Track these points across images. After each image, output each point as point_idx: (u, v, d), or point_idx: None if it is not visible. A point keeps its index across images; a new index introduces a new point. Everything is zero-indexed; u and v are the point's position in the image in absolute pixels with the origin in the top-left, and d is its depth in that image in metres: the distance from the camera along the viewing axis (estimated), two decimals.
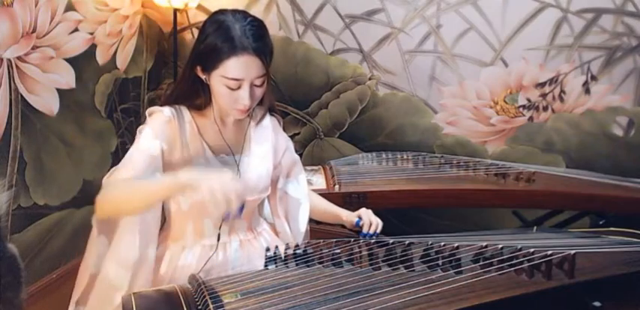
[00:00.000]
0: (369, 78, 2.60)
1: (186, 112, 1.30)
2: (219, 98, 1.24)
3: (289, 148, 1.49)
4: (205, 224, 1.34)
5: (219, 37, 1.18)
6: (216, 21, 1.21)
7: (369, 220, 1.45)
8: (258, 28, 1.21)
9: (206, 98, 1.29)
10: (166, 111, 1.28)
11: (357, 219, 1.46)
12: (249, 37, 1.18)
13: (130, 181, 1.18)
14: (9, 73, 1.92)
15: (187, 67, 1.26)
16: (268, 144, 1.41)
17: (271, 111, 1.45)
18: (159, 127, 1.26)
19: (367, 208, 1.51)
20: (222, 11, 1.24)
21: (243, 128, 1.37)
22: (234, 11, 1.23)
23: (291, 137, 2.02)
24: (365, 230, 1.44)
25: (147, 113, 1.30)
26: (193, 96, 1.29)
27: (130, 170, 1.20)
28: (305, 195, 1.51)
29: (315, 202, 1.57)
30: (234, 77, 1.18)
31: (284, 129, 1.50)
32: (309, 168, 2.15)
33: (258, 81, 1.22)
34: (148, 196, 1.16)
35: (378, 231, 1.44)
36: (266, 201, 1.52)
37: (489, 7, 2.36)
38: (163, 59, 2.86)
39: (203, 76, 1.24)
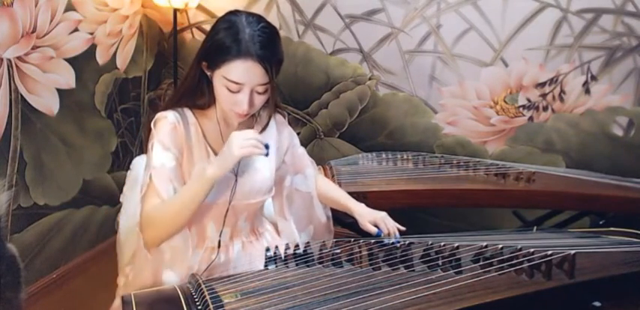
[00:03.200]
0: (369, 78, 2.60)
1: (190, 115, 1.30)
2: (219, 98, 1.24)
3: (292, 143, 1.48)
4: (208, 227, 1.34)
5: (228, 37, 1.18)
6: (229, 21, 1.21)
7: (387, 229, 1.40)
8: (268, 35, 1.20)
9: (209, 97, 1.29)
10: (170, 116, 1.27)
11: (377, 231, 1.40)
12: (256, 43, 1.17)
13: (168, 204, 1.21)
14: (9, 72, 1.92)
15: (195, 61, 1.26)
16: (272, 144, 1.40)
17: (276, 106, 1.44)
18: (165, 137, 1.26)
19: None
20: (236, 12, 1.23)
21: (248, 128, 1.37)
22: (249, 14, 1.22)
23: None
24: (386, 240, 1.39)
25: (152, 123, 1.29)
26: (197, 94, 1.29)
27: (158, 195, 1.22)
28: (314, 188, 1.53)
29: (326, 189, 1.56)
30: (235, 80, 1.18)
31: (289, 123, 1.49)
32: None
33: (260, 89, 1.21)
34: (191, 205, 1.20)
35: (398, 235, 1.39)
36: (268, 202, 1.52)
37: (489, 7, 2.36)
38: (163, 59, 2.86)
39: (208, 73, 1.24)
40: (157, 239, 1.24)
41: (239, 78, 1.18)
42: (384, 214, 1.43)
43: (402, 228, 1.42)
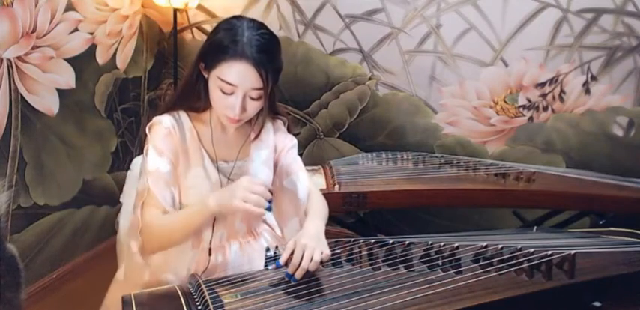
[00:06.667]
0: (369, 78, 2.60)
1: (185, 119, 1.30)
2: (213, 101, 1.24)
3: (287, 146, 1.42)
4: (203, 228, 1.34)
5: (227, 38, 1.18)
6: (230, 23, 1.22)
7: (297, 261, 1.11)
8: (266, 41, 1.20)
9: (205, 100, 1.28)
10: (165, 121, 1.28)
11: (277, 262, 1.15)
12: (253, 46, 1.17)
13: (168, 220, 1.23)
14: (9, 72, 1.92)
15: (193, 63, 1.26)
16: (268, 148, 1.39)
17: (277, 113, 1.43)
18: (159, 142, 1.26)
19: (366, 208, 1.48)
20: (239, 17, 1.24)
21: (245, 134, 1.37)
22: (251, 20, 1.23)
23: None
24: (290, 270, 1.11)
25: (147, 128, 1.29)
26: (194, 96, 1.29)
27: (156, 202, 1.24)
28: (305, 197, 1.40)
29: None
30: (228, 81, 1.18)
31: (290, 129, 1.45)
32: (309, 168, 2.15)
33: (253, 94, 1.20)
34: (189, 229, 1.23)
35: (311, 267, 1.11)
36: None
37: (489, 7, 2.36)
38: (163, 59, 2.86)
39: (205, 75, 1.24)
40: (156, 249, 1.28)
41: (232, 80, 1.17)
42: (310, 244, 1.13)
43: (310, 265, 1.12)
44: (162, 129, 1.27)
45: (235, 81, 1.18)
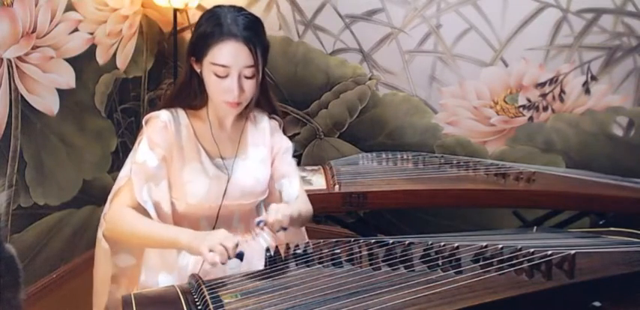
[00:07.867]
0: (369, 78, 2.60)
1: (183, 115, 1.31)
2: (209, 89, 1.25)
3: (282, 148, 1.43)
4: (201, 224, 1.34)
5: (210, 24, 1.21)
6: (211, 12, 1.25)
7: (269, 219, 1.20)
8: (250, 20, 1.23)
9: (202, 97, 1.30)
10: (162, 116, 1.29)
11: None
12: (238, 25, 1.20)
13: (139, 223, 1.22)
14: (9, 73, 1.92)
15: (185, 60, 1.29)
16: (266, 147, 1.40)
17: (274, 113, 1.44)
18: (154, 135, 1.27)
19: (366, 208, 1.47)
20: (218, 5, 1.27)
21: (241, 131, 1.37)
22: (231, 6, 1.26)
23: (291, 137, 2.01)
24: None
25: (143, 121, 1.30)
26: (190, 94, 1.30)
27: (132, 194, 1.25)
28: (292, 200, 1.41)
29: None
30: (222, 63, 1.20)
31: (285, 130, 1.47)
32: (309, 168, 2.15)
33: (247, 72, 1.22)
34: (149, 244, 1.26)
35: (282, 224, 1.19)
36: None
37: (489, 7, 2.36)
38: (163, 59, 2.86)
39: (198, 69, 1.25)
40: (111, 240, 1.28)
41: (225, 60, 1.19)
42: (282, 213, 1.20)
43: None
44: (159, 122, 1.28)
45: (228, 62, 1.19)
